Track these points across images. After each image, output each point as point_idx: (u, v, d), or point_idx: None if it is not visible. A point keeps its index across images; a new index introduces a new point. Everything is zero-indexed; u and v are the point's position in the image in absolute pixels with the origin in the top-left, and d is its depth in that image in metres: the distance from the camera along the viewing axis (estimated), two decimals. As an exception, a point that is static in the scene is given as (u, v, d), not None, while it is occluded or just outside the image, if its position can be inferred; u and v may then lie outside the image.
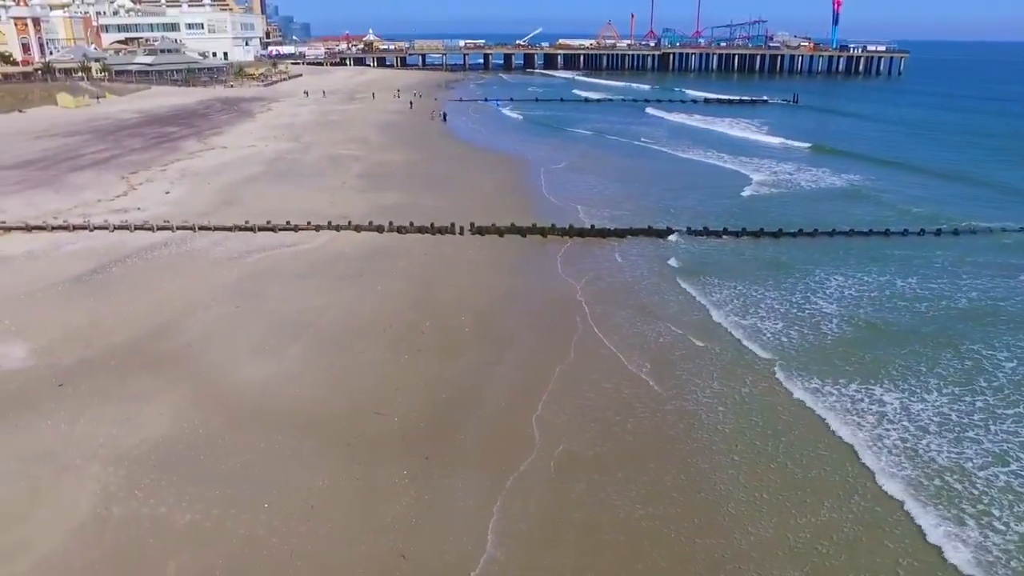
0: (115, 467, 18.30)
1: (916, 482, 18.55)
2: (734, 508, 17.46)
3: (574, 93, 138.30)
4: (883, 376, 24.17)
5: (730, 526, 16.87)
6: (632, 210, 46.20)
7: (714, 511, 17.40)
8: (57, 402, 21.35)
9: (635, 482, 18.40)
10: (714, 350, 26.05)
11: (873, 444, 20.21)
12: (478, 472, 18.66)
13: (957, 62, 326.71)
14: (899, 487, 18.28)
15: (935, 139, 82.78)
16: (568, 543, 16.33)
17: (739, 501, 17.71)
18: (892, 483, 18.47)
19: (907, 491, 18.13)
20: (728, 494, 17.99)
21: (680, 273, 34.33)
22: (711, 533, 16.65)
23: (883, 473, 18.89)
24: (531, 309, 29.77)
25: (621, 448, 19.96)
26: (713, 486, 18.31)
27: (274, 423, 20.54)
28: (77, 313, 27.79)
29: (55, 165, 57.30)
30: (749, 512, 17.33)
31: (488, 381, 23.48)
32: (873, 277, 34.15)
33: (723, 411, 21.86)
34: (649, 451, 19.85)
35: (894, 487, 18.30)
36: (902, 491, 18.14)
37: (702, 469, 19.02)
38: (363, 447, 19.57)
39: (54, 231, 38.54)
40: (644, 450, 19.89)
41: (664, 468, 19.04)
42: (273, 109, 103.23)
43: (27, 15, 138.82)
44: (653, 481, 18.49)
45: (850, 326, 28.53)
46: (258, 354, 24.82)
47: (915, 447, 20.12)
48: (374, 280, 32.13)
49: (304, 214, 41.71)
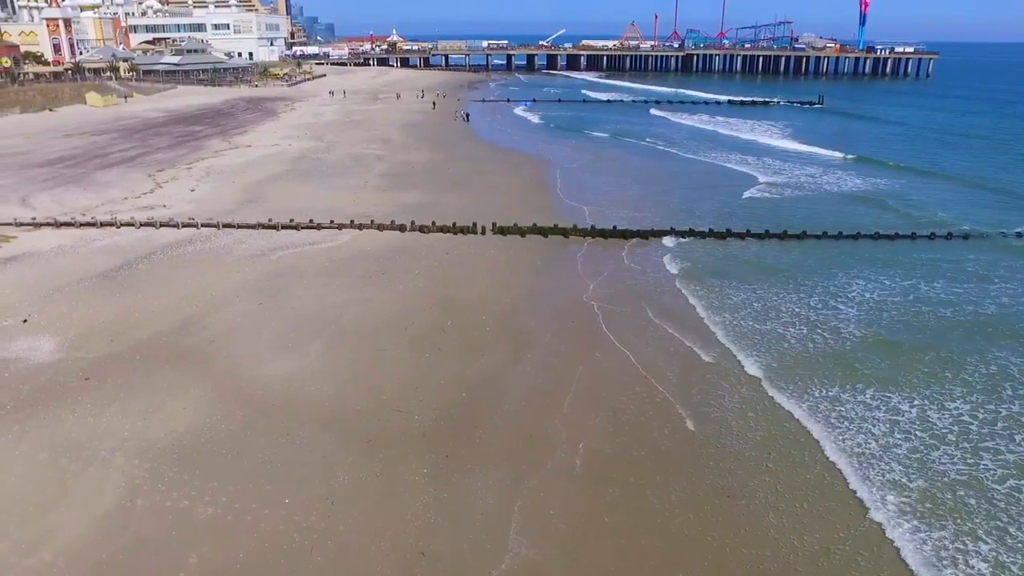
0: (140, 460, 18.51)
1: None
2: (775, 518, 17.19)
3: (596, 95, 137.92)
4: (903, 384, 23.79)
5: (775, 537, 16.54)
6: (651, 211, 45.95)
7: (756, 521, 17.12)
8: (84, 395, 21.67)
9: (671, 487, 18.16)
10: (737, 355, 25.78)
11: (882, 454, 19.90)
12: (499, 471, 18.64)
13: (989, 64, 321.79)
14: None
15: (962, 145, 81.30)
16: (601, 548, 16.12)
17: (779, 512, 17.44)
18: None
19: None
20: (767, 503, 17.73)
21: (705, 275, 34.07)
22: (755, 543, 16.34)
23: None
24: (553, 309, 29.71)
25: (652, 451, 19.74)
26: (753, 494, 18.06)
27: (295, 419, 20.68)
28: (104, 308, 28.20)
29: (84, 163, 58.25)
30: (791, 523, 17.06)
31: (509, 380, 23.45)
32: (896, 282, 33.64)
33: (752, 416, 21.61)
34: (682, 456, 19.59)
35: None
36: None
37: (739, 476, 18.75)
38: (383, 444, 19.63)
39: (82, 227, 39.16)
40: (677, 455, 19.61)
41: (700, 474, 18.77)
42: (297, 109, 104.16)
43: (59, 16, 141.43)
44: (689, 485, 18.26)
45: (871, 331, 28.07)
46: (280, 350, 25.01)
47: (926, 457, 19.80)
48: (396, 279, 32.27)
49: (327, 212, 42.02)
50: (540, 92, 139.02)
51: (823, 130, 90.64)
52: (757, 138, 79.70)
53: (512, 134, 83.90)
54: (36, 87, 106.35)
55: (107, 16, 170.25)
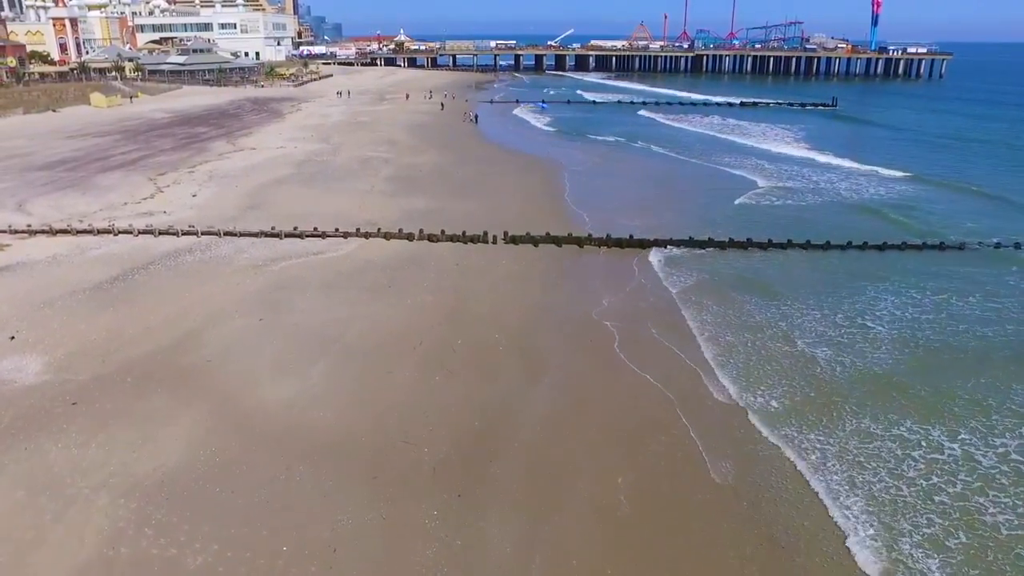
0: (125, 499, 17.03)
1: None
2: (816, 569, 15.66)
3: (606, 97, 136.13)
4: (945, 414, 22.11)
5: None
6: (668, 218, 44.27)
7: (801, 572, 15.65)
8: (70, 423, 20.21)
9: (712, 534, 16.59)
10: (759, 385, 24.14)
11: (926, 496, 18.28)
12: (516, 513, 17.08)
13: (1003, 64, 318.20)
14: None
15: (982, 152, 79.24)
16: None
17: (823, 554, 16.02)
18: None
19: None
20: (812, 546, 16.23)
21: (727, 288, 32.42)
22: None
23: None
24: (567, 326, 28.10)
25: (685, 492, 18.10)
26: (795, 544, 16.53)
27: (295, 451, 19.18)
28: (96, 324, 26.75)
29: (84, 166, 56.93)
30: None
31: (525, 407, 21.90)
32: (928, 296, 31.93)
33: (778, 458, 19.96)
34: (718, 501, 17.88)
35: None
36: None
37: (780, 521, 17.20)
38: (390, 481, 18.10)
39: (78, 235, 37.76)
40: (712, 499, 17.91)
41: (740, 520, 17.12)
42: (303, 109, 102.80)
43: (65, 16, 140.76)
44: (732, 535, 16.63)
45: (904, 353, 26.32)
46: (280, 372, 23.50)
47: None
48: (403, 292, 30.74)
49: (332, 218, 40.58)
50: (548, 94, 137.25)
51: (838, 136, 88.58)
52: (770, 147, 76.92)
53: (520, 136, 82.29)
54: (41, 87, 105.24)
55: (114, 15, 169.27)
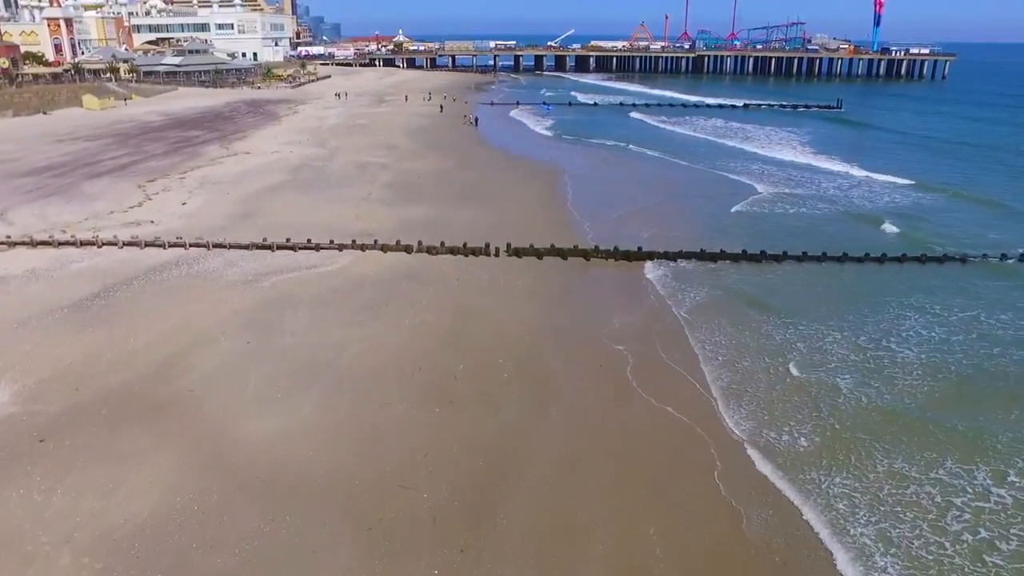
0: (91, 557, 15.30)
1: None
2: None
3: (607, 100, 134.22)
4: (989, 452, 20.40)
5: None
6: (676, 229, 42.45)
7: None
8: (35, 463, 18.47)
9: None
10: (784, 410, 22.50)
11: (975, 556, 16.55)
12: (525, 572, 15.37)
13: (1006, 65, 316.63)
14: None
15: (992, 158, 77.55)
16: None
17: None
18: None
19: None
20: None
21: (743, 306, 30.73)
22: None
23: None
24: (576, 349, 26.35)
25: (713, 548, 16.41)
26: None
27: (282, 497, 17.44)
28: (72, 347, 25.00)
29: (72, 172, 55.07)
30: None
31: (533, 443, 20.18)
32: (956, 314, 30.23)
33: (812, 495, 18.33)
34: (764, 559, 16.26)
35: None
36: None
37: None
38: (386, 533, 16.37)
39: (60, 247, 35.99)
40: (761, 559, 16.25)
41: None
42: (300, 112, 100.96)
43: (59, 16, 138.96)
44: None
45: (937, 380, 24.61)
46: (268, 403, 21.76)
47: None
48: (401, 311, 28.98)
49: (327, 229, 38.85)
50: (548, 96, 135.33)
51: (846, 141, 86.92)
52: (775, 153, 75.01)
53: (522, 140, 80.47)
54: (33, 88, 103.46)
55: (110, 16, 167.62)
